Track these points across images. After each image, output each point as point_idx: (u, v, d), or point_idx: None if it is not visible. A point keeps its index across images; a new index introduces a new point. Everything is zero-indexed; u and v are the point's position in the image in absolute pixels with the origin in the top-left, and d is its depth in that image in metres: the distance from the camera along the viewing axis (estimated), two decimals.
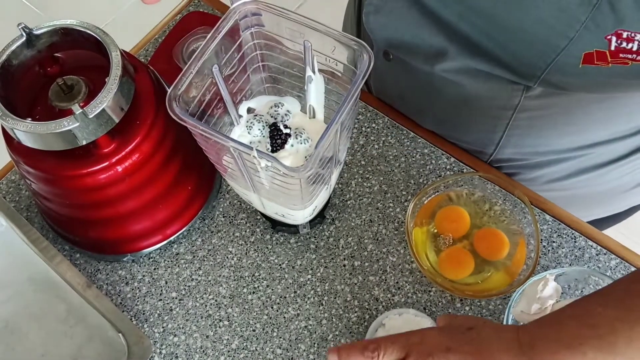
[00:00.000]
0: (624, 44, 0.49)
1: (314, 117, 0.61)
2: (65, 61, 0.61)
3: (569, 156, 0.70)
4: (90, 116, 0.53)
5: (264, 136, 0.59)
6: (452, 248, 0.65)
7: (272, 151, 0.57)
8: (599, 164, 0.71)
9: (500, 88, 0.61)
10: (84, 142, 0.55)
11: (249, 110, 0.62)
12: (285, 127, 0.59)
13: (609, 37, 0.49)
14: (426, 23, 0.60)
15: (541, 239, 0.67)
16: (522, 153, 0.71)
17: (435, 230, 0.66)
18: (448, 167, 0.71)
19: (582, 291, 0.61)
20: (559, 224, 0.68)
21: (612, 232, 0.70)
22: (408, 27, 0.62)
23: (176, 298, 0.67)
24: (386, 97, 0.77)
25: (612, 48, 0.49)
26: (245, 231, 0.70)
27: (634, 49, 0.48)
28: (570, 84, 0.56)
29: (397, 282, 0.66)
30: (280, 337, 0.65)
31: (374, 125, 0.75)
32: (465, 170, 0.71)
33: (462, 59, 0.59)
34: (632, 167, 0.72)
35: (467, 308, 0.65)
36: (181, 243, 0.70)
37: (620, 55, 0.49)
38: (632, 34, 0.48)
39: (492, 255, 0.64)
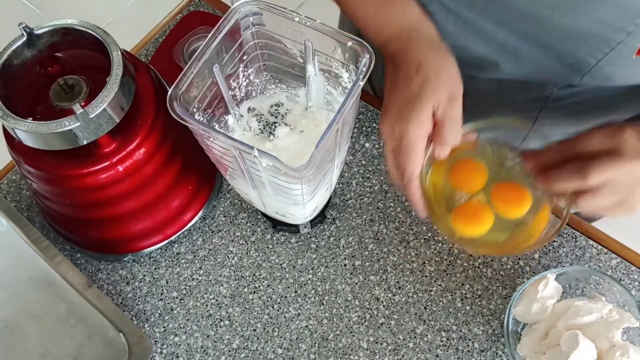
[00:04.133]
0: None
1: (314, 116, 0.61)
2: (66, 61, 0.61)
3: None
4: (91, 116, 0.53)
5: (264, 135, 0.59)
6: (467, 202, 0.59)
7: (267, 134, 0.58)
8: None
9: (532, 87, 0.61)
10: (85, 142, 0.55)
11: (250, 110, 0.62)
12: (286, 124, 0.60)
13: None
14: (464, 31, 0.59)
15: None
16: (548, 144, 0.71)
17: (450, 187, 0.59)
18: None
19: (582, 290, 0.61)
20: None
21: (613, 232, 0.70)
22: (446, 37, 0.62)
23: (177, 298, 0.67)
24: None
25: None
26: (246, 231, 0.70)
27: None
28: (616, 76, 0.55)
29: (397, 282, 0.66)
30: (281, 337, 0.65)
31: (374, 124, 0.75)
32: None
33: (503, 67, 0.59)
34: None
35: (467, 307, 0.65)
36: (182, 243, 0.70)
37: None
38: None
39: (510, 211, 0.57)
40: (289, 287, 0.67)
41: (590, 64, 0.54)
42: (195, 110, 0.54)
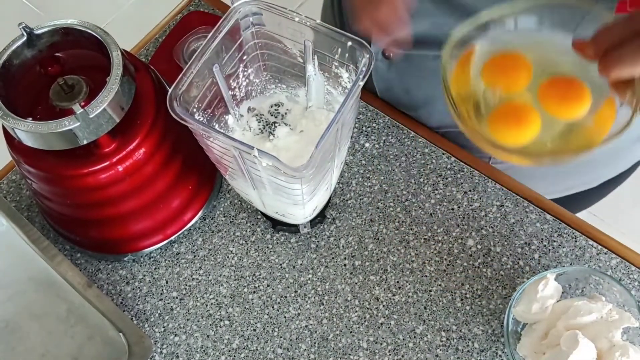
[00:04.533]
0: None
1: (314, 116, 0.61)
2: (66, 61, 0.61)
3: None
4: (91, 116, 0.53)
5: (264, 135, 0.59)
6: (508, 102, 0.48)
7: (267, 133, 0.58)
8: None
9: None
10: (85, 142, 0.55)
11: (250, 110, 0.62)
12: (285, 124, 0.60)
13: None
14: (443, 12, 0.59)
15: (542, 239, 0.67)
16: None
17: (483, 87, 0.48)
18: (449, 166, 0.72)
19: (582, 290, 0.61)
20: (560, 223, 0.68)
21: (613, 232, 0.70)
22: (422, 18, 0.61)
23: (177, 298, 0.67)
24: (392, 96, 0.76)
25: None
26: (246, 231, 0.70)
27: None
28: None
29: (397, 282, 0.66)
30: (281, 337, 0.65)
31: (374, 124, 0.75)
32: (465, 170, 0.71)
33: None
34: (634, 120, 0.71)
35: (467, 307, 0.65)
36: (182, 243, 0.70)
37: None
38: None
39: (566, 109, 0.46)
40: (288, 287, 0.67)
41: (573, 24, 0.49)
42: (195, 110, 0.54)
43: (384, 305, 0.65)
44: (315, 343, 0.64)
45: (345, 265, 0.68)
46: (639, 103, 0.43)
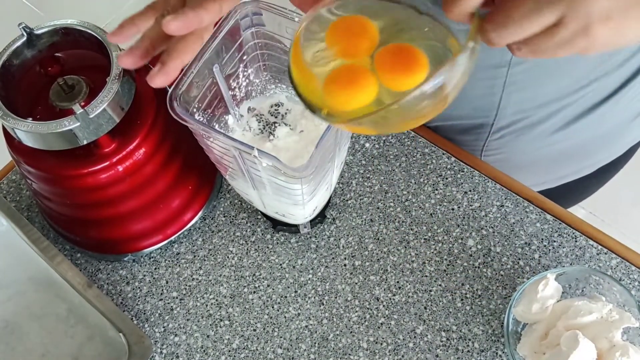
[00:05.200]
0: None
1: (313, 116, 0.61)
2: (65, 61, 0.61)
3: (566, 102, 0.70)
4: (91, 116, 0.53)
5: (264, 135, 0.59)
6: (346, 65, 0.43)
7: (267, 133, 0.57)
8: (596, 103, 0.71)
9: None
10: (85, 142, 0.55)
11: (250, 110, 0.62)
12: (285, 124, 0.60)
13: None
14: None
15: (542, 239, 0.67)
16: (523, 110, 0.71)
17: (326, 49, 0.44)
18: (449, 166, 0.72)
19: (582, 290, 0.61)
20: (560, 223, 0.68)
21: (613, 232, 0.70)
22: None
23: (177, 298, 0.67)
24: None
25: None
26: (246, 231, 0.70)
27: None
28: None
29: (397, 282, 0.66)
30: (281, 337, 0.65)
31: None
32: (465, 170, 0.71)
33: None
34: (626, 100, 0.72)
35: (467, 307, 0.65)
36: (182, 243, 0.70)
37: None
38: None
39: (398, 80, 0.42)
40: (289, 287, 0.67)
41: None
42: (195, 110, 0.54)
43: (384, 305, 0.65)
44: (315, 343, 0.64)
45: (345, 265, 0.68)
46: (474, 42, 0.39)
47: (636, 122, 0.77)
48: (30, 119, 0.54)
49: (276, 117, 0.61)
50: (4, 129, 0.57)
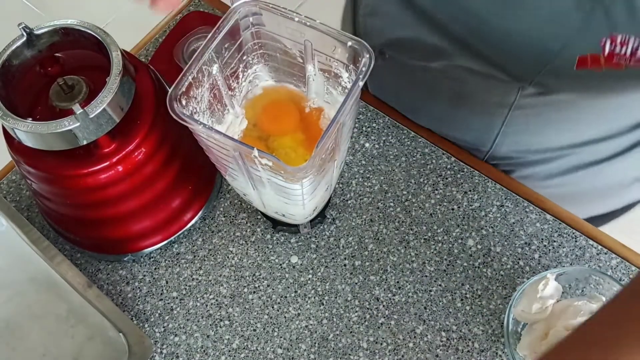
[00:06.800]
0: (618, 48, 0.49)
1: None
2: (65, 61, 0.61)
3: (565, 153, 0.70)
4: (91, 116, 0.53)
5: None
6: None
7: None
8: (595, 161, 0.71)
9: (496, 86, 0.61)
10: (85, 142, 0.55)
11: None
12: None
13: (603, 41, 0.49)
14: (421, 24, 0.60)
15: (542, 239, 0.67)
16: (518, 151, 0.71)
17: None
18: (449, 166, 0.71)
19: (582, 290, 0.61)
20: (560, 223, 0.68)
21: (613, 232, 0.70)
22: (403, 27, 0.62)
23: (177, 298, 0.67)
24: (382, 95, 0.77)
25: (606, 52, 0.49)
26: (246, 231, 0.70)
27: (628, 53, 0.48)
28: (564, 86, 0.56)
29: (397, 282, 0.66)
30: (281, 337, 0.65)
31: (374, 124, 0.75)
32: (465, 170, 0.71)
33: (457, 57, 0.59)
34: (628, 164, 0.72)
35: (467, 307, 0.65)
36: (182, 243, 0.70)
37: (614, 59, 0.49)
38: (626, 38, 0.48)
39: (276, 128, 0.58)
40: (288, 287, 0.67)
41: (535, 71, 0.54)
42: (195, 110, 0.54)
43: (384, 305, 0.65)
44: (315, 343, 0.64)
45: (345, 265, 0.68)
46: None
47: (634, 187, 0.76)
48: (30, 119, 0.54)
49: None
50: (4, 129, 0.57)
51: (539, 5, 0.50)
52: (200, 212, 0.69)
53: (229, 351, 0.64)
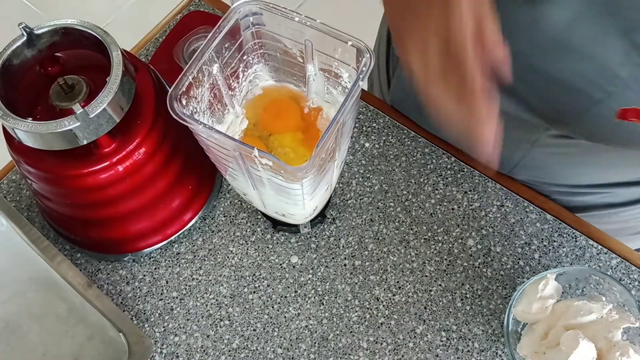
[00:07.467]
0: None
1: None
2: (66, 61, 0.61)
3: (582, 192, 0.69)
4: (91, 116, 0.53)
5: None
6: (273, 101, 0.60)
7: None
8: (614, 204, 0.70)
9: (522, 124, 0.60)
10: (85, 142, 0.55)
11: None
12: None
13: None
14: None
15: (542, 239, 0.67)
16: (534, 182, 0.70)
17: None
18: (449, 166, 0.72)
19: (582, 290, 0.61)
20: (560, 223, 0.68)
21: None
22: None
23: (177, 298, 0.67)
24: (402, 108, 0.76)
25: None
26: (246, 231, 0.70)
27: None
28: (599, 135, 0.55)
29: (397, 282, 0.66)
30: (281, 337, 0.65)
31: (374, 124, 0.75)
32: (465, 170, 0.71)
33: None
34: None
35: (467, 307, 0.65)
36: (182, 243, 0.70)
37: None
38: None
39: (277, 126, 0.59)
40: (289, 287, 0.67)
41: (573, 118, 0.53)
42: (195, 110, 0.54)
43: (384, 305, 0.65)
44: (315, 343, 0.64)
45: (345, 265, 0.68)
46: None
47: None
48: (30, 119, 0.54)
49: None
50: (4, 129, 0.57)
51: (590, 55, 0.48)
52: (200, 212, 0.69)
53: (229, 351, 0.64)
